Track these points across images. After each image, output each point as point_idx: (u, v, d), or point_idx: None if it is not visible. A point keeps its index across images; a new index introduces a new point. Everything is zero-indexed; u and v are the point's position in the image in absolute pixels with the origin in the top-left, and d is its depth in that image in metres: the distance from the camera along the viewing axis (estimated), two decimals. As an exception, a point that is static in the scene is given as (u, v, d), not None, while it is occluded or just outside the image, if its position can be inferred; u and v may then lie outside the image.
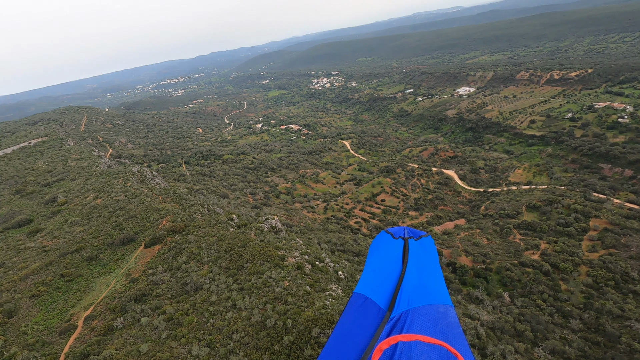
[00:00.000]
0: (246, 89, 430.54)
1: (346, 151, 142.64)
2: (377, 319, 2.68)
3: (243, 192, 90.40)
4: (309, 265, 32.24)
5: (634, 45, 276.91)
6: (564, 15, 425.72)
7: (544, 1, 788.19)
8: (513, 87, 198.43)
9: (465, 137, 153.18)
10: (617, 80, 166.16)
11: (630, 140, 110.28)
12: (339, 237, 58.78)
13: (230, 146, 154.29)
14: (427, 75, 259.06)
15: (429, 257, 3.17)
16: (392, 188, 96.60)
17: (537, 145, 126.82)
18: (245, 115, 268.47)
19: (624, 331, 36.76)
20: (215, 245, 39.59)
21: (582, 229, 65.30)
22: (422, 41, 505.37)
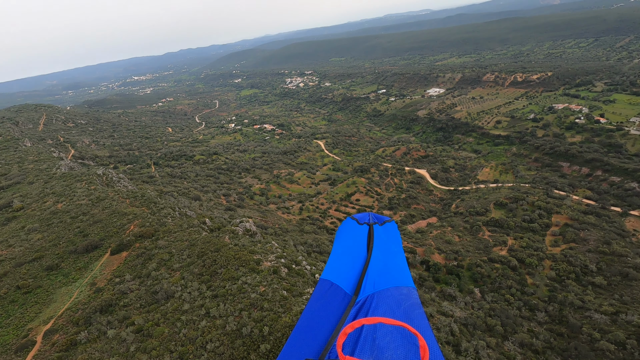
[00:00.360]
0: (218, 87, 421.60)
1: (321, 151, 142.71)
2: (343, 303, 2.74)
3: (216, 193, 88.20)
4: (285, 268, 31.72)
5: (588, 51, 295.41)
6: (525, 21, 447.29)
7: (507, 7, 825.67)
8: (480, 88, 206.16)
9: (436, 137, 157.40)
10: (574, 83, 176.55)
11: (586, 140, 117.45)
12: (315, 238, 58.57)
13: (202, 146, 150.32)
14: (399, 76, 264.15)
15: (393, 241, 3.29)
16: (367, 188, 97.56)
17: (502, 145, 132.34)
18: (217, 115, 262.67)
19: (585, 322, 38.91)
20: (187, 250, 38.20)
21: (545, 224, 68.68)
22: (393, 42, 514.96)
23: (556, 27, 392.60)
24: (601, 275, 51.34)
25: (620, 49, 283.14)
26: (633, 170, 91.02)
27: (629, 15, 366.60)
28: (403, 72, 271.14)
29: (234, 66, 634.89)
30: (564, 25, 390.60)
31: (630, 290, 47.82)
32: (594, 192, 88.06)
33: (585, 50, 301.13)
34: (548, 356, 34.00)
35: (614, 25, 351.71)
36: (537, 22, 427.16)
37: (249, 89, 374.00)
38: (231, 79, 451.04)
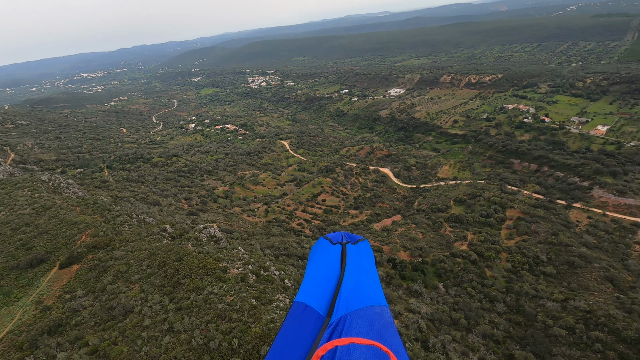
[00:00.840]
0: (176, 86, 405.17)
1: (285, 151, 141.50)
2: (317, 325, 2.72)
3: (177, 197, 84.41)
4: (253, 275, 30.75)
5: (533, 55, 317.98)
6: (477, 26, 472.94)
7: (460, 12, 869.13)
8: (437, 89, 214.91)
9: (397, 136, 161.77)
10: (521, 85, 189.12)
11: (533, 138, 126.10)
12: (282, 240, 57.75)
13: (161, 148, 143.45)
14: (361, 77, 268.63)
15: (366, 260, 3.30)
16: (332, 187, 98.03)
17: (460, 144, 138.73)
18: (176, 115, 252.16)
19: (539, 310, 41.56)
20: (146, 260, 35.95)
21: (500, 219, 72.73)
22: (354, 43, 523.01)
23: (504, 32, 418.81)
24: (551, 264, 55.19)
25: (560, 53, 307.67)
26: (574, 165, 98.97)
27: (567, 23, 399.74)
28: (365, 73, 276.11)
29: (192, 64, 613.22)
30: (511, 31, 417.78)
31: (576, 277, 51.82)
32: (542, 186, 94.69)
33: (530, 54, 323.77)
34: (508, 345, 35.87)
35: (554, 32, 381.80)
36: (487, 27, 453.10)
37: (209, 87, 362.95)
38: (190, 77, 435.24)
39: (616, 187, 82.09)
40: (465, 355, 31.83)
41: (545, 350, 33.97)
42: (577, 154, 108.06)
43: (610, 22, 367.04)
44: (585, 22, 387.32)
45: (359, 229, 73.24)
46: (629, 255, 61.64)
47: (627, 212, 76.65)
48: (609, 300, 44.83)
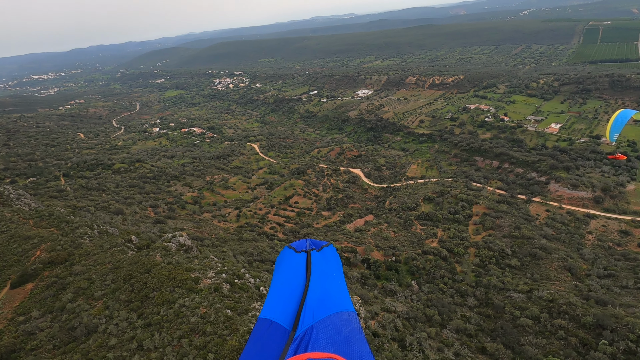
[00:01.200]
0: (138, 88, 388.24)
1: (255, 154, 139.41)
2: (282, 341, 2.63)
3: (142, 205, 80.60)
4: (227, 284, 29.73)
5: (491, 57, 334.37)
6: (439, 29, 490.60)
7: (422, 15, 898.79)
8: (404, 90, 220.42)
9: (367, 137, 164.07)
10: (482, 86, 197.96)
11: (494, 136, 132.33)
12: (255, 246, 56.61)
13: (123, 153, 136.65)
14: (329, 78, 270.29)
15: (332, 266, 3.22)
16: (304, 189, 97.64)
17: (426, 143, 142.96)
18: (138, 118, 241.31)
19: (506, 301, 43.42)
20: (110, 274, 33.85)
21: (467, 215, 75.51)
22: (322, 44, 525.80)
23: (464, 35, 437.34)
24: (515, 257, 57.97)
25: (515, 56, 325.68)
26: (532, 162, 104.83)
27: (520, 27, 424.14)
28: (333, 74, 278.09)
29: (155, 65, 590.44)
30: (471, 34, 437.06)
31: (538, 268, 54.74)
32: (503, 182, 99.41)
33: (488, 56, 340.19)
34: (480, 338, 37.14)
35: (510, 35, 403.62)
36: (448, 30, 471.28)
37: (173, 89, 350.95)
38: (153, 79, 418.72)
39: (570, 181, 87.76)
40: (441, 351, 32.54)
41: (514, 341, 35.50)
42: (534, 150, 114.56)
43: (559, 26, 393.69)
44: (537, 26, 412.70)
45: (332, 230, 73.35)
46: (583, 245, 66.08)
47: (580, 205, 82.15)
48: (569, 289, 47.69)
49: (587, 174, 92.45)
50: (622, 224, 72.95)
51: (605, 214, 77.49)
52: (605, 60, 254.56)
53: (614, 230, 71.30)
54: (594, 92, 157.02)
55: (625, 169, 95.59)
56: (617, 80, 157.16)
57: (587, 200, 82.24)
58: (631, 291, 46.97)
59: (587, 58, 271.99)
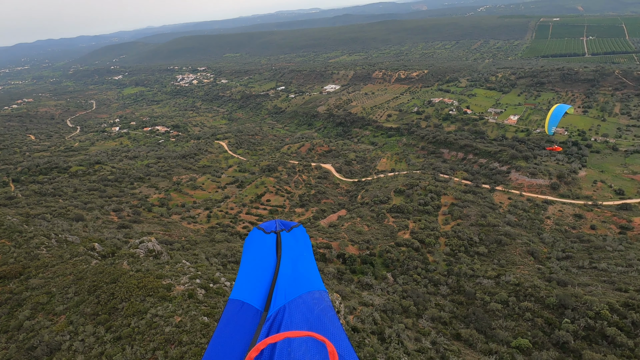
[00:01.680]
0: (93, 85, 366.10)
1: (224, 152, 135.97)
2: (255, 321, 2.64)
3: (104, 210, 76.19)
4: (202, 290, 28.61)
5: (452, 52, 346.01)
6: (402, 24, 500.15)
7: (386, 10, 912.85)
8: (371, 84, 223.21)
9: (336, 132, 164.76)
10: (445, 80, 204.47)
11: (458, 128, 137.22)
12: (228, 246, 55.19)
13: (80, 155, 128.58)
14: (297, 73, 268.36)
15: (302, 246, 3.23)
16: (276, 187, 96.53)
17: (395, 136, 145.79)
18: (95, 117, 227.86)
19: (477, 288, 45.24)
20: (73, 286, 31.58)
21: (436, 206, 77.87)
22: (287, 39, 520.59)
23: (426, 31, 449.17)
24: (483, 244, 60.54)
25: (474, 50, 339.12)
26: (494, 152, 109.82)
27: (478, 23, 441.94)
28: (300, 69, 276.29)
29: (111, 61, 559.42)
30: (432, 29, 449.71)
31: (504, 254, 57.52)
32: (469, 173, 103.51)
33: (450, 51, 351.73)
34: (454, 325, 38.45)
35: (469, 30, 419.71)
36: (411, 26, 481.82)
37: (133, 86, 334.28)
38: (110, 76, 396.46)
39: (529, 170, 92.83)
40: (418, 340, 33.30)
41: (486, 325, 37.07)
42: (496, 141, 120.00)
43: (513, 22, 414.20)
44: (494, 22, 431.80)
45: (306, 226, 72.75)
46: (543, 230, 70.22)
47: (538, 192, 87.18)
48: (532, 272, 50.49)
49: (544, 163, 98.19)
50: (576, 208, 78.24)
51: (561, 199, 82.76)
52: (555, 55, 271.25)
53: (569, 214, 76.30)
54: (547, 84, 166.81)
55: (576, 156, 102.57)
56: (567, 73, 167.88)
57: (545, 187, 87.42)
58: (587, 271, 50.49)
59: (539, 53, 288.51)
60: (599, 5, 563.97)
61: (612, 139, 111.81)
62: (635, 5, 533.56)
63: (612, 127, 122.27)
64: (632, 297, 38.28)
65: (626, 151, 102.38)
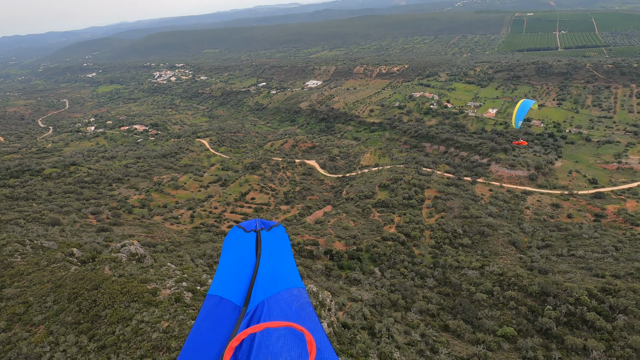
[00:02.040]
0: (65, 83, 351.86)
1: (205, 150, 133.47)
2: (234, 317, 2.72)
3: (81, 213, 73.47)
4: (189, 293, 27.92)
5: (431, 46, 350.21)
6: (382, 19, 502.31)
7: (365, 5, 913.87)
8: (352, 80, 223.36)
9: (319, 128, 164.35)
10: (425, 74, 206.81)
11: (439, 122, 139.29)
12: (214, 247, 54.26)
13: (53, 156, 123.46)
14: (277, 69, 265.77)
15: (281, 245, 3.30)
16: (260, 184, 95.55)
17: (377, 131, 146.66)
18: (69, 117, 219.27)
19: (462, 279, 46.16)
20: (51, 294, 30.27)
21: (420, 199, 78.88)
22: (267, 34, 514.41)
23: (405, 25, 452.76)
24: (466, 236, 61.79)
25: (453, 45, 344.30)
26: (475, 145, 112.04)
27: (456, 18, 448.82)
28: (281, 65, 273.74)
29: (84, 58, 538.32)
30: (411, 24, 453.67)
31: (487, 245, 58.88)
32: (450, 166, 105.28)
33: (429, 45, 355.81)
34: (442, 317, 39.12)
35: (447, 25, 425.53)
36: (390, 20, 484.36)
37: (108, 84, 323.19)
38: (83, 73, 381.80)
39: (508, 162, 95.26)
40: (408, 334, 33.69)
41: (472, 316, 37.87)
42: (476, 134, 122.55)
43: (489, 17, 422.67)
44: (470, 17, 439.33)
45: (292, 224, 72.68)
46: (523, 220, 72.28)
47: (517, 183, 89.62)
48: (515, 261, 51.91)
49: (522, 154, 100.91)
50: (553, 198, 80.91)
51: (539, 190, 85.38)
52: (530, 49, 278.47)
53: (547, 204, 78.83)
54: (523, 78, 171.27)
55: (552, 147, 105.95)
56: (542, 67, 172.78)
57: (524, 178, 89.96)
58: (565, 258, 52.33)
59: (515, 47, 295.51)
60: (570, 0, 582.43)
61: (585, 130, 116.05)
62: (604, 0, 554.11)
63: (585, 118, 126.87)
64: (608, 282, 39.88)
65: (598, 142, 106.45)
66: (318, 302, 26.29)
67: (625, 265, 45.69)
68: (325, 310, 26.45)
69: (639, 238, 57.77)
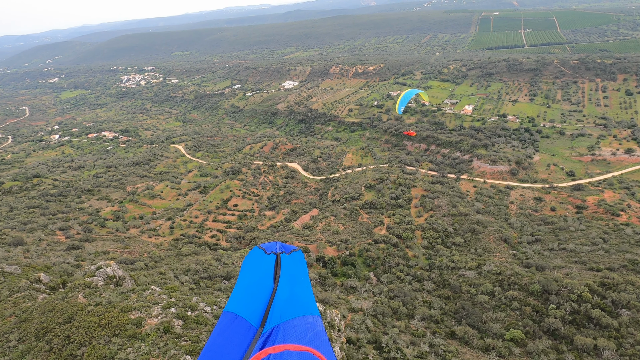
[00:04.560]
0: (25, 90, 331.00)
1: (181, 156, 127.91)
2: (248, 336, 2.70)
3: (48, 229, 67.44)
4: (179, 321, 24.77)
5: (404, 45, 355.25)
6: (353, 19, 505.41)
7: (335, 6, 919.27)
8: (329, 80, 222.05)
9: (298, 129, 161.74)
10: (400, 73, 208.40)
11: (418, 120, 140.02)
12: (198, 260, 50.63)
13: (14, 168, 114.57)
14: (252, 70, 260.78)
15: (299, 270, 3.27)
16: (242, 190, 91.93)
17: (357, 131, 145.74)
18: (30, 125, 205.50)
19: (461, 280, 45.09)
20: (15, 331, 26.31)
21: (408, 199, 77.98)
22: (239, 36, 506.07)
23: (377, 25, 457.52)
24: (458, 235, 61.19)
25: (424, 44, 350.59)
26: (455, 142, 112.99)
27: (426, 18, 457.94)
28: (255, 66, 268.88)
29: (44, 62, 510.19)
30: (383, 24, 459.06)
31: (479, 243, 58.42)
32: (433, 163, 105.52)
33: (402, 45, 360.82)
34: (446, 322, 37.69)
35: (417, 25, 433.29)
36: (362, 20, 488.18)
37: (72, 90, 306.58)
38: (44, 79, 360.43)
39: (490, 157, 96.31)
40: (415, 344, 31.93)
41: (477, 320, 36.66)
42: (455, 131, 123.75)
43: (458, 17, 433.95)
44: (440, 16, 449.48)
45: (279, 230, 69.82)
46: (509, 215, 72.75)
47: (500, 178, 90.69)
48: (509, 258, 51.52)
49: (502, 150, 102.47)
50: (535, 192, 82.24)
51: (521, 184, 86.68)
52: (499, 47, 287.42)
53: (530, 198, 79.94)
54: (495, 75, 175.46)
55: (529, 142, 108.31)
56: (512, 64, 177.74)
57: (505, 173, 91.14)
58: (557, 253, 52.53)
59: (484, 45, 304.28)
60: (531, 0, 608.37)
61: (559, 124, 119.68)
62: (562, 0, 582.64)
63: (556, 112, 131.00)
64: (606, 276, 39.81)
65: (572, 135, 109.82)
66: (327, 322, 23.96)
67: (617, 258, 46.14)
68: (335, 332, 24.13)
69: (623, 229, 59.09)
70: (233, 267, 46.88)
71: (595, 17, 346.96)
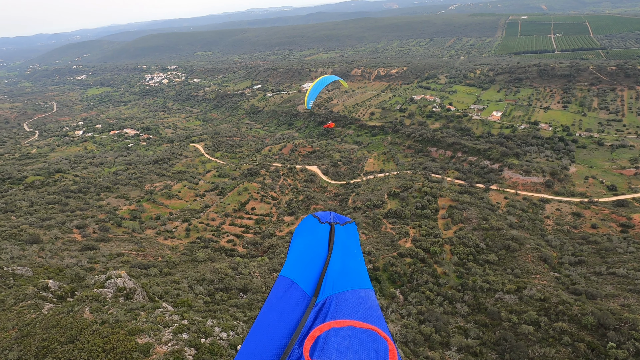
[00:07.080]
0: (54, 86, 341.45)
1: (200, 156, 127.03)
2: (302, 304, 2.67)
3: (65, 227, 66.65)
4: (191, 349, 21.89)
5: (427, 49, 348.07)
6: (376, 22, 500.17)
7: (358, 8, 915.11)
8: (350, 82, 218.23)
9: (318, 131, 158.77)
10: (424, 77, 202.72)
11: (443, 126, 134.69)
12: (214, 268, 48.05)
13: (38, 163, 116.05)
14: (273, 71, 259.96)
15: (352, 242, 3.24)
16: (261, 193, 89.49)
17: (379, 135, 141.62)
18: (56, 120, 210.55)
19: (499, 305, 40.74)
20: (15, 348, 23.95)
21: (434, 209, 73.53)
22: (260, 37, 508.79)
23: (400, 28, 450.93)
24: (491, 252, 56.50)
25: (449, 47, 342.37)
26: (483, 150, 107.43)
27: (450, 21, 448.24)
28: (276, 67, 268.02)
29: (74, 60, 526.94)
30: (406, 27, 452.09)
31: (516, 261, 53.63)
32: (459, 172, 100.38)
33: (425, 48, 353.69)
34: (486, 355, 33.57)
35: (441, 28, 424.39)
36: (385, 23, 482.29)
37: (98, 87, 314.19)
38: (72, 76, 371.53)
39: (522, 167, 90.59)
40: (454, 382, 28.05)
41: (523, 356, 32.38)
42: (483, 138, 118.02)
43: (484, 20, 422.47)
44: (465, 20, 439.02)
45: (297, 237, 66.72)
46: (545, 231, 67.36)
47: (533, 190, 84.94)
48: (551, 281, 46.66)
49: (535, 160, 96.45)
50: (573, 206, 76.30)
51: (557, 197, 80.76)
52: (527, 52, 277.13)
53: (567, 213, 74.15)
54: (525, 80, 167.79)
55: (564, 152, 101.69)
56: (544, 69, 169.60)
57: (539, 185, 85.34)
58: (606, 278, 47.33)
59: (511, 49, 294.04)
60: (561, 4, 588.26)
61: (596, 133, 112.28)
62: (594, 4, 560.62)
63: (593, 121, 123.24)
64: (672, 311, 34.77)
65: (611, 146, 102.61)
66: None
67: (680, 288, 40.79)
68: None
69: (679, 252, 53.12)
70: (250, 278, 43.99)
71: (631, 22, 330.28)
